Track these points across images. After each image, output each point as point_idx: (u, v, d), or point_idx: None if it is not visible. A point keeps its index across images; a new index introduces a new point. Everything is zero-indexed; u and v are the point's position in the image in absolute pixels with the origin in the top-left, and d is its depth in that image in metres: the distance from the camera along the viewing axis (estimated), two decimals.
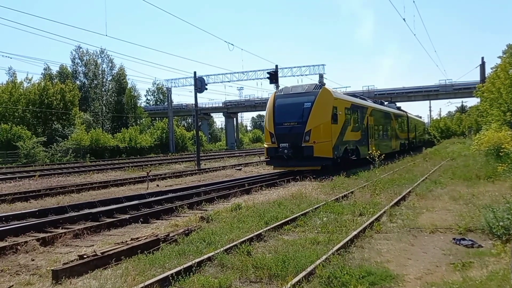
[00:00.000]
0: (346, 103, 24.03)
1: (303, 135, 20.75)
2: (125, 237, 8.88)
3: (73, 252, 7.95)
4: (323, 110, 21.10)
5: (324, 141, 20.70)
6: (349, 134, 23.63)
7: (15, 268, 7.07)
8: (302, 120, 21.07)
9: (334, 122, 21.41)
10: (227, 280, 5.87)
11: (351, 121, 24.26)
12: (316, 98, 21.22)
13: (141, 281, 5.65)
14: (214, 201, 13.76)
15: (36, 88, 60.03)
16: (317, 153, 20.54)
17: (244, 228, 9.12)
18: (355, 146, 24.59)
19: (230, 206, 12.19)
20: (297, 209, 11.14)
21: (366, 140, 27.09)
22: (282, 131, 21.56)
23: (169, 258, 7.05)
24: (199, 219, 10.54)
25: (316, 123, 20.83)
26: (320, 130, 20.76)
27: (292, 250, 7.21)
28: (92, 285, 5.95)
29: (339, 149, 21.93)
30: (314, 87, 22.13)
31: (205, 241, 8.05)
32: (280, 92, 23.27)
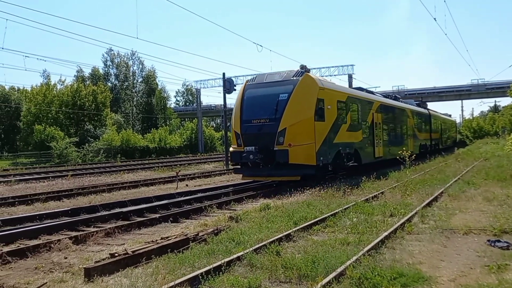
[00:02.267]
0: (340, 95, 19.09)
1: (276, 136, 16.02)
2: (155, 236, 8.98)
3: (105, 250, 8.08)
4: (303, 103, 16.37)
5: (304, 144, 16.00)
6: (344, 134, 18.87)
7: (48, 266, 7.24)
8: (275, 116, 16.31)
9: (319, 119, 16.63)
10: (257, 280, 5.85)
11: (348, 118, 19.53)
12: (295, 88, 16.44)
13: (171, 280, 5.68)
14: (243, 201, 13.78)
15: (69, 90, 61.63)
16: (294, 159, 15.80)
17: (273, 228, 9.09)
18: (353, 149, 19.90)
19: (259, 206, 12.18)
20: (326, 209, 11.03)
21: (371, 141, 22.47)
22: (249, 131, 16.89)
23: (198, 258, 7.08)
24: (228, 219, 10.55)
25: (293, 120, 16.10)
26: (298, 129, 16.07)
27: (322, 251, 7.12)
28: (123, 283, 6.02)
29: (327, 153, 17.10)
30: (294, 74, 17.07)
31: (234, 241, 8.06)
32: (252, 81, 18.32)
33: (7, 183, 22.87)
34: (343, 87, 21.57)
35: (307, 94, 16.52)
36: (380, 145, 23.49)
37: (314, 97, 16.53)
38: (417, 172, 19.93)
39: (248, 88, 17.96)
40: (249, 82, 18.31)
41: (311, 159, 16.09)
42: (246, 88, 18.02)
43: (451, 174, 18.87)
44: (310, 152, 16.09)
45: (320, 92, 16.81)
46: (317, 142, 16.28)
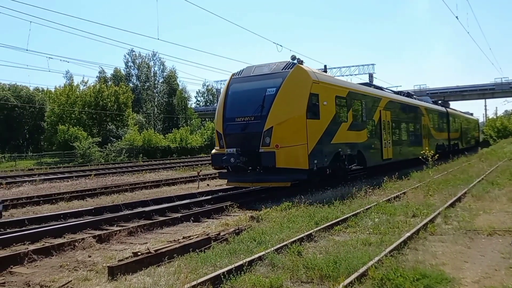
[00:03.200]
0: (339, 89, 17.02)
1: (261, 136, 14.03)
2: (177, 236, 9.06)
3: (128, 249, 8.19)
4: (293, 98, 14.43)
5: (294, 145, 14.01)
6: (345, 134, 16.92)
7: (73, 264, 7.38)
8: (261, 113, 14.34)
9: (312, 117, 14.67)
10: (278, 279, 5.86)
11: (349, 116, 17.47)
12: (284, 82, 14.48)
13: (194, 279, 5.73)
14: (263, 201, 13.78)
15: (91, 91, 62.64)
16: (282, 163, 13.77)
17: (294, 228, 9.09)
18: (356, 150, 17.86)
19: (280, 206, 12.17)
20: (347, 210, 10.98)
21: (378, 142, 20.38)
22: (232, 130, 14.94)
23: (220, 257, 7.12)
24: (249, 219, 10.60)
25: (281, 117, 14.11)
26: (287, 129, 14.11)
27: (344, 251, 7.10)
28: (146, 282, 6.09)
29: (323, 155, 15.05)
30: (284, 66, 15.09)
31: (256, 241, 8.08)
32: (238, 74, 16.24)
33: (32, 183, 23.36)
34: (344, 81, 19.43)
35: (298, 88, 14.58)
36: (389, 146, 21.38)
37: (307, 92, 14.50)
38: (440, 172, 19.64)
39: (233, 82, 16.02)
40: (235, 75, 16.23)
41: (303, 162, 14.05)
42: (231, 82, 16.12)
43: (474, 174, 18.54)
44: (301, 154, 14.06)
45: (314, 86, 14.79)
46: (309, 143, 14.22)
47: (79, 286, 6.29)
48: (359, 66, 62.78)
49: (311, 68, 15.65)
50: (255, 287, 5.70)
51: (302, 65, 15.34)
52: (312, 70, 15.51)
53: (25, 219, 11.16)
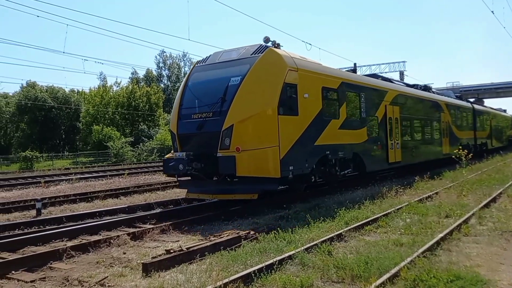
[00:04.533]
0: (327, 79, 14.08)
1: (220, 137, 11.39)
2: (208, 234, 9.19)
3: (160, 246, 8.37)
4: (261, 89, 11.70)
5: (260, 147, 11.32)
6: (335, 133, 14.10)
7: (109, 260, 7.59)
8: (221, 108, 11.71)
9: (287, 112, 11.86)
10: (309, 279, 5.89)
11: (342, 112, 14.67)
12: (251, 69, 11.81)
13: (225, 277, 5.82)
14: (293, 200, 13.78)
15: (124, 92, 64.02)
16: (245, 170, 11.17)
17: (323, 228, 9.09)
18: (351, 153, 15.06)
19: (309, 205, 12.18)
20: (378, 210, 10.89)
21: (382, 142, 17.43)
22: (187, 130, 12.39)
23: (250, 255, 7.20)
24: (278, 218, 10.65)
25: (244, 113, 11.44)
26: (251, 127, 11.44)
27: (375, 251, 7.07)
28: (179, 279, 6.23)
29: (302, 160, 12.36)
30: (255, 50, 12.39)
31: (285, 240, 8.12)
32: (203, 61, 13.67)
33: (69, 181, 24.05)
34: (336, 69, 15.70)
35: (269, 77, 11.77)
36: (396, 147, 18.45)
37: (279, 81, 11.68)
38: (473, 172, 19.21)
39: (195, 71, 13.47)
40: (199, 62, 13.75)
41: (272, 169, 11.33)
42: (192, 72, 13.55)
43: (510, 174, 18.06)
44: (271, 159, 11.34)
45: (290, 75, 11.98)
46: (283, 145, 11.51)
47: (115, 281, 6.48)
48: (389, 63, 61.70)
49: (290, 52, 12.78)
50: (285, 286, 5.75)
51: (278, 48, 12.56)
52: (290, 55, 12.53)
53: (63, 217, 11.55)
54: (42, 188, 21.24)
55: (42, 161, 48.58)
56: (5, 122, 64.59)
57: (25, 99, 59.11)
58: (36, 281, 6.69)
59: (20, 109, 61.09)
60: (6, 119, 64.25)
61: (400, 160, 18.77)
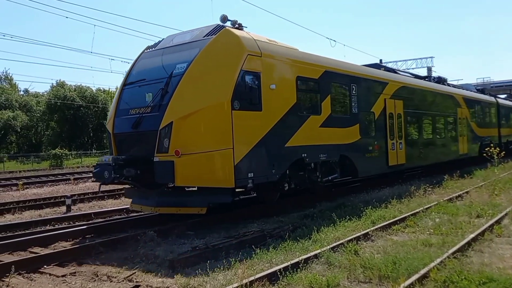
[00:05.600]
0: (304, 68, 11.80)
1: (157, 137, 9.32)
2: (233, 232, 9.20)
3: (187, 244, 8.42)
4: (210, 78, 9.67)
5: (208, 150, 9.27)
6: (313, 132, 11.85)
7: (136, 257, 7.67)
8: (160, 102, 9.72)
9: (246, 107, 9.75)
10: (335, 278, 5.82)
11: (324, 107, 12.37)
12: (199, 54, 9.82)
13: (251, 275, 5.81)
14: (318, 199, 13.67)
15: None
16: (186, 179, 9.23)
17: (349, 227, 9.00)
18: (337, 155, 12.77)
19: (334, 204, 12.08)
20: (406, 209, 10.71)
21: (381, 142, 15.18)
22: (123, 128, 10.44)
23: (275, 254, 7.18)
24: (303, 216, 10.59)
25: (187, 108, 9.35)
26: (196, 125, 9.33)
27: (403, 251, 6.96)
28: (204, 276, 6.25)
29: (269, 165, 10.32)
30: (209, 32, 10.29)
31: (311, 239, 8.07)
32: (153, 46, 11.53)
33: None
34: (316, 56, 12.77)
35: (221, 63, 9.82)
36: (399, 147, 16.20)
37: (234, 68, 9.67)
38: (506, 171, 18.69)
39: (142, 58, 11.42)
40: (148, 48, 11.64)
41: (223, 177, 9.36)
42: (139, 58, 11.50)
43: None
44: (221, 165, 9.36)
45: (250, 61, 9.93)
46: (238, 147, 9.47)
47: (142, 277, 6.56)
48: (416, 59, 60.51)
49: (255, 34, 10.66)
50: (312, 285, 5.71)
51: (237, 29, 10.42)
52: (252, 37, 10.41)
53: (92, 213, 11.77)
54: (71, 185, 21.69)
55: (71, 158, 49.63)
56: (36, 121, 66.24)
57: (55, 98, 60.49)
58: (67, 275, 6.84)
59: (50, 108, 62.56)
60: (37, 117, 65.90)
61: (403, 162, 16.48)
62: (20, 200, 15.20)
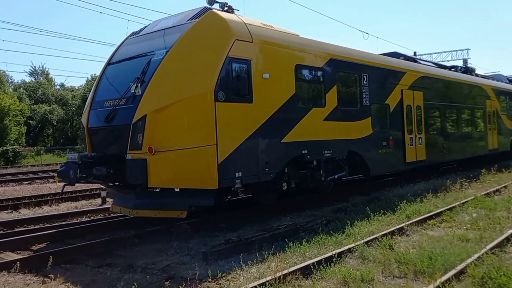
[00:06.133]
0: (304, 55, 10.81)
1: (130, 132, 8.43)
2: (265, 225, 9.22)
3: (220, 236, 8.49)
4: (190, 65, 8.75)
5: (187, 147, 8.33)
6: (316, 126, 10.88)
7: (170, 249, 7.79)
8: (134, 93, 8.83)
9: (231, 98, 8.76)
10: (369, 273, 5.77)
11: (329, 98, 11.31)
12: (179, 38, 8.96)
13: (284, 268, 5.81)
14: (351, 193, 13.56)
15: None
16: (160, 180, 8.39)
17: (383, 221, 8.90)
18: (345, 152, 11.73)
19: (368, 198, 11.95)
20: (441, 203, 10.50)
21: (396, 137, 13.99)
22: (97, 122, 9.61)
23: (308, 247, 7.17)
24: (336, 210, 10.51)
25: (163, 99, 8.47)
26: (174, 118, 8.43)
27: (439, 247, 6.84)
28: (237, 268, 6.28)
29: (259, 164, 9.33)
30: (194, 15, 9.45)
31: (344, 233, 8.01)
32: (138, 32, 10.75)
33: None
34: (320, 42, 11.67)
35: (204, 49, 8.86)
36: (418, 143, 15.03)
37: (219, 54, 8.71)
38: None
39: (125, 45, 10.62)
40: (133, 34, 10.83)
41: (205, 177, 8.43)
42: (121, 45, 10.71)
43: None
44: (202, 163, 8.40)
45: (238, 46, 8.97)
46: (223, 143, 8.51)
47: (176, 269, 6.66)
48: (451, 51, 58.84)
49: (246, 18, 9.72)
50: (345, 279, 5.67)
51: (229, 12, 9.57)
52: (242, 20, 9.46)
53: None
54: None
55: None
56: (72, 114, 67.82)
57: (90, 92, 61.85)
58: (103, 266, 7.01)
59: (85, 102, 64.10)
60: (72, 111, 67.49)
61: (423, 158, 15.28)
62: (57, 192, 15.60)
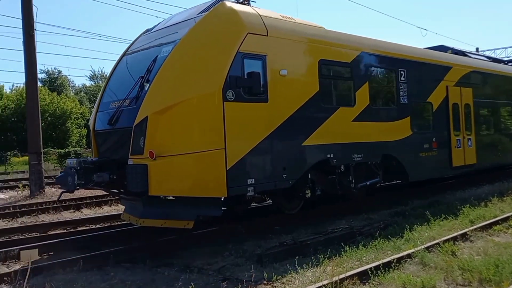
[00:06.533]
0: (329, 49, 9.93)
1: (132, 135, 7.76)
2: (320, 228, 9.11)
3: (274, 239, 8.45)
4: (197, 62, 8.03)
5: (192, 152, 7.66)
6: (345, 128, 10.04)
7: (225, 251, 7.85)
8: (138, 94, 8.15)
9: (242, 97, 8.08)
10: (431, 280, 5.54)
11: (359, 96, 10.39)
12: (187, 33, 8.25)
13: (340, 273, 5.69)
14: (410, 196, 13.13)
15: None
16: (162, 188, 7.64)
17: (445, 226, 8.57)
18: (379, 155, 10.83)
19: (428, 201, 11.53)
20: (508, 208, 9.97)
21: (441, 139, 12.86)
22: (102, 125, 8.99)
23: (365, 252, 7.00)
24: (394, 214, 10.24)
25: (165, 99, 7.79)
26: (176, 121, 7.74)
27: (506, 254, 6.47)
28: (292, 272, 6.22)
29: (276, 169, 8.58)
30: (205, 8, 8.83)
31: (403, 237, 7.77)
32: (152, 29, 10.12)
33: None
34: (349, 35, 10.81)
35: (211, 44, 8.11)
36: (467, 145, 13.79)
37: (229, 50, 8.03)
38: None
39: (136, 43, 10.09)
40: (147, 31, 10.21)
41: (212, 185, 7.75)
42: (135, 42, 10.18)
43: None
44: (209, 169, 7.71)
45: (251, 40, 8.27)
46: (233, 147, 7.82)
47: (231, 271, 6.70)
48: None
49: (261, 9, 9.00)
50: (405, 285, 5.48)
51: (241, 4, 8.92)
52: (257, 12, 8.76)
53: None
54: None
55: None
56: None
57: None
58: (161, 266, 7.17)
59: None
60: None
61: (473, 162, 14.05)
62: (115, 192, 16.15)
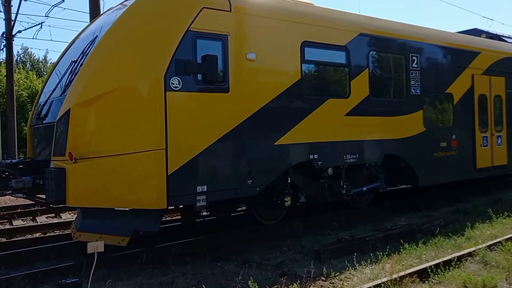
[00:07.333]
0: (318, 28, 8.33)
1: (54, 133, 6.50)
2: (379, 225, 9.09)
3: (332, 235, 8.55)
4: (134, 44, 6.63)
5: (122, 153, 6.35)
6: (334, 123, 8.56)
7: (282, 246, 8.03)
8: (66, 83, 7.11)
9: (193, 86, 6.74)
10: (492, 279, 5.48)
11: (356, 86, 8.86)
12: (127, 9, 7.02)
13: (400, 270, 5.73)
14: (471, 193, 12.75)
15: None
16: (83, 198, 6.35)
17: (508, 224, 8.39)
18: (381, 156, 9.32)
19: (491, 199, 11.19)
20: None
21: (463, 136, 11.19)
22: (36, 121, 8.02)
23: (425, 249, 6.98)
24: (455, 211, 10.06)
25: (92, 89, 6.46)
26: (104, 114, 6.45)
27: None
28: (351, 268, 6.32)
29: (237, 174, 7.19)
30: None
31: (464, 235, 7.67)
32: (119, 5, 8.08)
33: None
34: (343, 12, 9.33)
35: (154, 22, 6.81)
36: (496, 143, 12.08)
37: (175, 28, 6.71)
38: None
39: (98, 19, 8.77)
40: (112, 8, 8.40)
41: (149, 193, 6.50)
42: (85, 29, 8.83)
43: None
44: (145, 173, 6.44)
45: (205, 16, 6.90)
46: (177, 147, 6.53)
47: (289, 266, 6.88)
48: None
49: None
50: (466, 284, 5.44)
51: None
52: None
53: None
54: None
55: None
56: None
57: None
58: (220, 260, 7.38)
59: None
60: None
61: (504, 163, 12.37)
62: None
